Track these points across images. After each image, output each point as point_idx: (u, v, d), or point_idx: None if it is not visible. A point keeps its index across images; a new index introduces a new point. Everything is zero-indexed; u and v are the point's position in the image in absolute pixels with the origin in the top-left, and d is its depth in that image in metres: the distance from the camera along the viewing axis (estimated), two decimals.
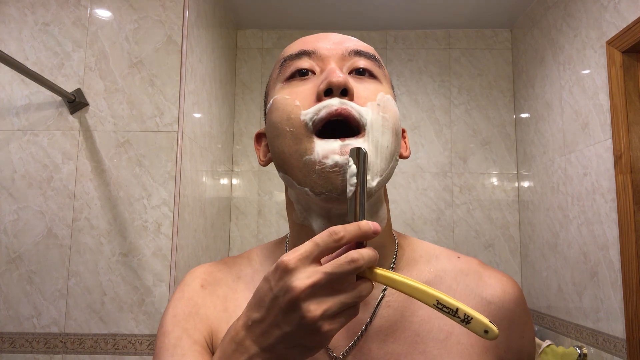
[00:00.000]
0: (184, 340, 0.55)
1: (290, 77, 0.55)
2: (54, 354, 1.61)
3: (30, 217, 1.67)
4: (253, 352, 0.43)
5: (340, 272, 0.42)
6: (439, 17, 2.64)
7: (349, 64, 0.55)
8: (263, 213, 2.66)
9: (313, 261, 0.42)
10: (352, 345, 0.54)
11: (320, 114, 0.49)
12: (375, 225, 0.44)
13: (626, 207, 1.64)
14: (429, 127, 2.71)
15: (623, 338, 1.64)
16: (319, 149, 0.49)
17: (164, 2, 1.77)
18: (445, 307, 0.42)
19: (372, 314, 0.55)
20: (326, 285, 0.41)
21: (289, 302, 0.41)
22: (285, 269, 0.42)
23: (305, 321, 0.41)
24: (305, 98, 0.52)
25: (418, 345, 0.53)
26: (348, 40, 0.57)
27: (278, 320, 0.42)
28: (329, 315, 0.41)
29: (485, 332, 0.41)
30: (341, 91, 0.50)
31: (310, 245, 0.42)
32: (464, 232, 2.62)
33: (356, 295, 0.43)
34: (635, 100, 1.68)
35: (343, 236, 0.43)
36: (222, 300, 0.59)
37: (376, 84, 0.55)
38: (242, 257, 0.65)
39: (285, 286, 0.41)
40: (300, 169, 0.51)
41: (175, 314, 0.58)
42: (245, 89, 2.76)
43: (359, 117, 0.50)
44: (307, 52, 0.55)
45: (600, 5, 1.81)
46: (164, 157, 1.69)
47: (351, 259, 0.42)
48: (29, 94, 1.73)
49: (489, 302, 0.57)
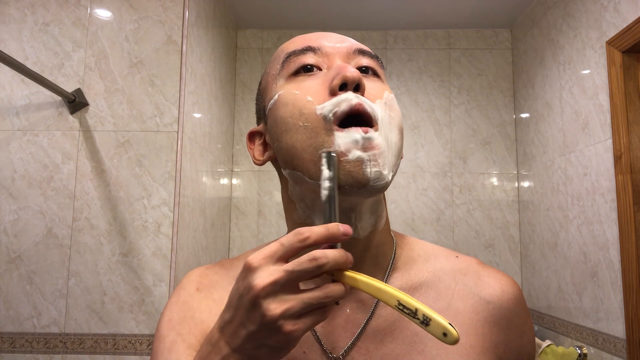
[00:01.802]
0: (178, 344, 0.55)
1: (295, 72, 0.54)
2: (54, 354, 1.61)
3: (30, 217, 1.67)
4: (225, 352, 0.44)
5: (300, 270, 0.41)
6: (439, 17, 2.64)
7: (353, 62, 0.55)
8: (263, 213, 2.66)
9: (277, 261, 0.42)
10: (350, 345, 0.54)
11: (341, 107, 0.49)
12: (345, 227, 0.43)
13: (626, 207, 1.64)
14: (429, 127, 2.71)
15: (623, 338, 1.64)
16: (340, 141, 0.49)
17: (164, 2, 1.77)
18: (406, 308, 0.41)
19: (370, 313, 0.55)
20: (287, 283, 0.41)
21: (250, 300, 0.42)
22: (249, 267, 0.42)
23: (265, 319, 0.41)
24: (317, 93, 0.51)
25: (417, 345, 0.53)
26: (349, 40, 0.58)
27: (243, 319, 0.42)
28: (291, 315, 0.41)
29: (444, 335, 0.40)
30: (354, 87, 0.50)
31: (275, 245, 0.43)
32: (464, 232, 2.62)
33: (322, 296, 0.42)
34: (635, 100, 1.68)
35: (308, 237, 0.42)
36: (217, 303, 0.59)
37: (380, 82, 0.56)
38: (239, 259, 0.64)
39: (247, 284, 0.42)
40: (314, 162, 0.49)
41: (170, 318, 0.58)
42: (245, 89, 2.76)
43: (372, 112, 0.50)
44: (312, 48, 0.55)
45: (600, 5, 1.81)
46: (164, 157, 1.69)
47: (312, 258, 0.41)
48: (29, 94, 1.73)
49: (488, 301, 0.56)
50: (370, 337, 0.54)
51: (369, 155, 0.48)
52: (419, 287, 0.57)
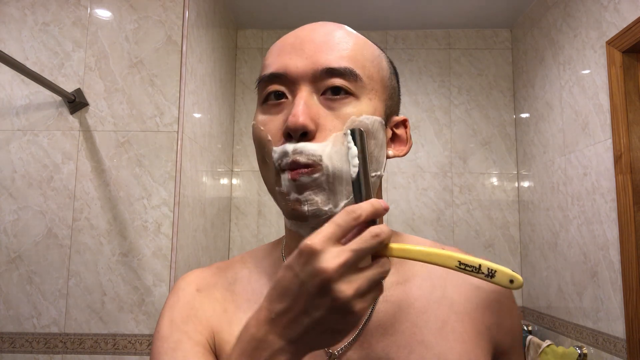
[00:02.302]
0: (184, 343, 0.55)
1: (266, 99, 0.56)
2: (54, 354, 1.61)
3: (30, 217, 1.67)
4: (278, 346, 0.42)
5: (366, 248, 0.42)
6: (439, 17, 2.64)
7: (321, 85, 0.54)
8: (263, 213, 2.66)
9: (337, 242, 0.42)
10: (352, 340, 0.55)
11: (283, 161, 0.52)
12: (384, 202, 0.45)
13: (626, 207, 1.64)
14: (429, 127, 2.71)
15: (623, 338, 1.64)
16: (283, 183, 0.53)
17: (164, 2, 1.77)
18: (468, 267, 0.43)
19: (371, 308, 0.56)
20: (355, 263, 0.42)
21: (319, 285, 0.40)
22: (312, 252, 0.41)
23: (337, 303, 0.40)
24: (275, 134, 0.54)
25: (416, 336, 0.55)
26: (324, 50, 0.55)
27: (307, 306, 0.41)
28: (360, 293, 0.42)
29: (511, 282, 0.43)
30: (301, 133, 0.51)
31: (331, 226, 0.42)
32: (464, 232, 2.62)
33: (382, 270, 0.43)
34: (635, 100, 1.68)
35: (360, 214, 0.43)
36: (220, 302, 0.59)
37: (350, 104, 0.54)
38: (234, 260, 0.65)
39: (313, 269, 0.41)
40: (275, 194, 0.56)
41: (172, 319, 0.57)
42: (245, 89, 2.76)
43: (307, 160, 0.51)
44: (277, 75, 0.55)
45: (600, 5, 1.81)
46: (164, 157, 1.69)
47: (375, 234, 0.43)
48: (29, 94, 1.73)
49: (477, 287, 0.59)
50: (372, 331, 0.55)
51: (304, 196, 0.52)
52: (414, 279, 0.59)
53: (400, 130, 0.61)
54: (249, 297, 0.59)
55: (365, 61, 0.56)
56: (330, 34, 0.56)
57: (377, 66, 0.58)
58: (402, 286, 0.58)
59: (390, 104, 0.59)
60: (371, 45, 0.59)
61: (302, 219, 0.53)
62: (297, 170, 0.51)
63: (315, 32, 0.56)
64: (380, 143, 0.56)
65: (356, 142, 0.48)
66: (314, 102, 0.53)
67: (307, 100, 0.53)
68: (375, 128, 0.55)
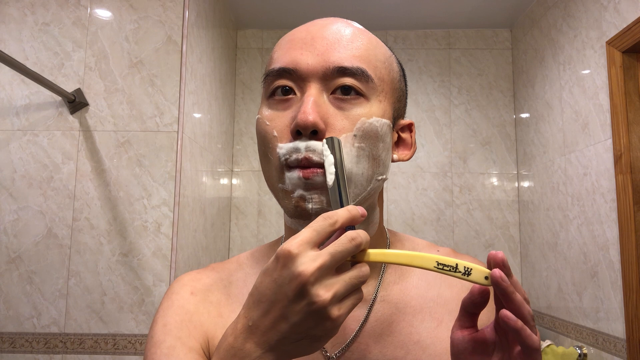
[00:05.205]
0: (177, 349, 0.54)
1: (272, 93, 0.55)
2: (54, 354, 1.61)
3: (30, 217, 1.67)
4: (255, 355, 0.41)
5: (343, 251, 0.42)
6: (439, 17, 2.64)
7: (332, 84, 0.52)
8: (263, 213, 2.66)
9: (314, 246, 0.42)
10: (349, 342, 0.55)
11: (291, 157, 0.51)
12: (361, 209, 0.45)
13: (626, 207, 1.64)
14: (429, 127, 2.71)
15: (623, 338, 1.64)
16: (288, 181, 0.52)
17: (164, 2, 1.77)
18: (446, 266, 0.44)
19: (368, 309, 0.56)
20: (331, 267, 0.41)
21: (296, 288, 0.40)
22: (288, 256, 0.41)
23: (314, 307, 0.40)
24: (282, 130, 0.53)
25: (412, 336, 0.55)
26: (336, 48, 0.53)
27: (285, 311, 0.41)
28: (338, 298, 0.41)
29: (486, 279, 0.44)
30: (311, 131, 0.50)
31: (308, 231, 0.42)
32: (464, 232, 2.62)
33: (360, 275, 0.43)
34: (635, 100, 1.68)
35: (336, 220, 0.43)
36: (215, 306, 0.58)
37: (360, 105, 0.53)
38: (230, 262, 0.64)
39: (290, 273, 0.40)
40: (277, 192, 0.54)
41: (165, 323, 0.56)
42: (245, 89, 2.76)
43: (319, 159, 0.50)
44: (287, 70, 0.53)
45: (600, 5, 1.81)
46: (164, 157, 1.69)
47: (351, 237, 0.43)
48: (29, 94, 1.73)
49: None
50: (369, 332, 0.55)
51: (311, 193, 0.51)
52: (411, 277, 0.59)
53: (405, 134, 0.60)
54: (243, 301, 0.58)
55: (377, 62, 0.55)
56: (342, 31, 0.55)
57: (388, 67, 0.56)
58: (399, 285, 0.58)
59: (398, 107, 0.58)
60: (382, 46, 0.58)
61: (305, 217, 0.52)
62: (311, 169, 0.50)
63: (327, 29, 0.55)
64: (387, 147, 0.55)
65: (334, 150, 0.48)
66: (324, 100, 0.52)
67: (316, 99, 0.51)
68: (384, 131, 0.54)
